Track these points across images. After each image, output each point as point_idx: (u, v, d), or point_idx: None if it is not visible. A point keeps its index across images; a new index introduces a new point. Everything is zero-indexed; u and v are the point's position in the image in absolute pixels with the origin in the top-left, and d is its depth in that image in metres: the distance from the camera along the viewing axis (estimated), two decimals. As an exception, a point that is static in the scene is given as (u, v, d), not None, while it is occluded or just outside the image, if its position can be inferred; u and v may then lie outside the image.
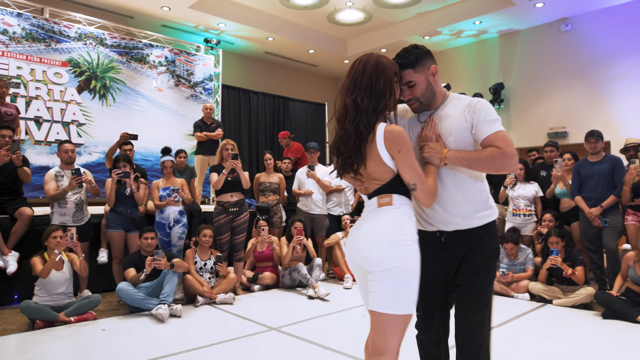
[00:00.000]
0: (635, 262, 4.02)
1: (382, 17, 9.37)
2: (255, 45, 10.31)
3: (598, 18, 8.25)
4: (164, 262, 4.14)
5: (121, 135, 5.42)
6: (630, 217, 4.49)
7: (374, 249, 1.62)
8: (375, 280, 1.63)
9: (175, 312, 4.00)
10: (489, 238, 1.82)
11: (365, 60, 1.71)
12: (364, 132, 1.65)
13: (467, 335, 1.79)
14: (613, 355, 3.19)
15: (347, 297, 4.87)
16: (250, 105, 10.18)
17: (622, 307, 3.92)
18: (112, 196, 4.56)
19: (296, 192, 5.97)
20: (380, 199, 1.68)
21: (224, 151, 5.03)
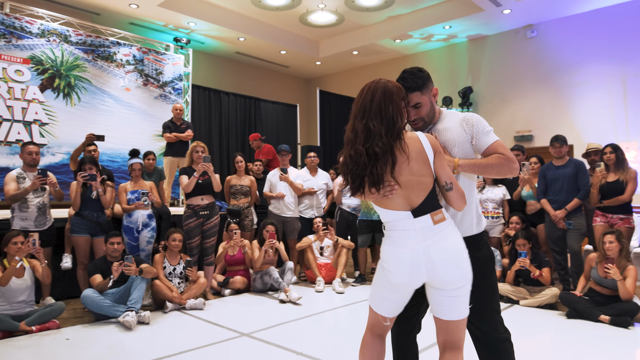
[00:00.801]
0: (597, 263, 4.15)
1: (354, 19, 9.42)
2: (226, 45, 10.19)
3: (562, 25, 8.52)
4: (133, 267, 4.03)
5: (87, 137, 5.25)
6: (598, 219, 4.64)
7: (457, 271, 1.73)
8: (452, 295, 1.75)
9: (143, 319, 3.89)
10: (480, 245, 1.97)
11: (374, 88, 1.78)
12: (379, 153, 1.70)
13: (488, 333, 1.96)
14: (576, 353, 3.28)
15: (319, 300, 4.86)
16: (221, 106, 10.04)
17: (585, 307, 4.05)
18: (77, 199, 4.41)
19: (268, 195, 5.92)
20: (434, 216, 1.73)
21: (194, 153, 4.94)
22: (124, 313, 3.84)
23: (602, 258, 4.08)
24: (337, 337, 3.67)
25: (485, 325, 1.94)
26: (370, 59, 11.20)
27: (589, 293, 4.20)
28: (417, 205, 1.72)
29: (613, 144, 4.66)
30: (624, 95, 7.77)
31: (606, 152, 4.65)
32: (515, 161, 1.89)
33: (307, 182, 6.04)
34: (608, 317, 3.90)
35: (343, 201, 5.99)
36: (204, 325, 3.94)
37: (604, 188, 4.60)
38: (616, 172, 4.59)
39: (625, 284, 3.89)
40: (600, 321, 3.92)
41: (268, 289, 5.15)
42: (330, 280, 5.48)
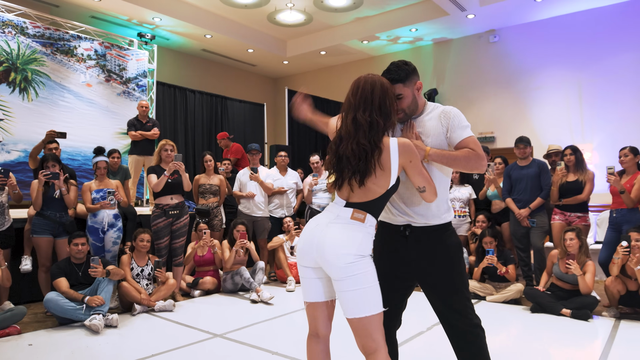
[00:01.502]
0: (559, 260, 4.34)
1: (322, 19, 9.45)
2: (192, 42, 10.00)
3: (522, 31, 8.84)
4: (100, 269, 3.89)
5: (47, 133, 5.03)
6: (557, 217, 4.84)
7: (341, 258, 1.72)
8: (342, 289, 1.75)
9: (111, 322, 3.77)
10: (450, 233, 2.00)
11: (371, 81, 1.81)
12: (374, 147, 1.74)
13: (456, 314, 1.96)
14: (541, 346, 3.42)
15: (290, 300, 4.85)
16: (187, 103, 9.84)
17: (548, 302, 4.22)
18: (39, 199, 4.22)
19: (237, 195, 5.86)
20: (355, 213, 1.77)
21: (163, 152, 4.83)
22: (90, 316, 3.71)
23: (564, 254, 4.26)
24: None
25: (457, 313, 1.95)
26: (337, 60, 11.26)
27: (551, 288, 4.38)
28: (353, 202, 1.79)
29: (573, 146, 4.88)
30: (580, 99, 8.15)
31: (566, 153, 4.86)
32: (484, 158, 1.91)
33: (277, 181, 6.01)
34: (569, 310, 4.08)
35: (313, 200, 6.00)
36: (174, 327, 3.86)
37: (564, 187, 4.81)
38: (575, 172, 4.80)
39: (585, 278, 4.08)
40: (562, 314, 4.10)
41: (239, 289, 5.09)
42: (301, 279, 5.46)
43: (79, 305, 3.81)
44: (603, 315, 4.16)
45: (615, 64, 7.76)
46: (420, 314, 3.67)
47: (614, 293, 4.11)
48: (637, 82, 7.58)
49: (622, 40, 7.72)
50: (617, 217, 4.46)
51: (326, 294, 1.87)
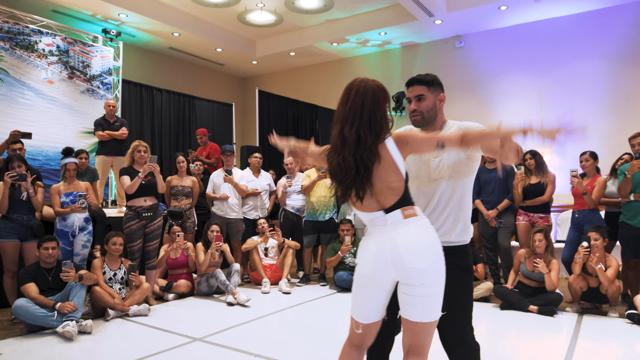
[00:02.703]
0: (526, 259, 4.54)
1: (292, 21, 9.46)
2: (159, 40, 9.79)
3: (487, 38, 9.15)
4: (73, 273, 3.78)
5: (11, 134, 4.82)
6: (521, 217, 5.05)
7: (423, 259, 1.66)
8: (415, 294, 1.68)
9: (84, 329, 3.67)
10: (465, 255, 2.05)
11: (362, 91, 1.75)
12: (368, 164, 1.70)
13: (456, 340, 2.01)
14: (511, 340, 3.58)
15: (266, 302, 4.85)
16: (153, 103, 9.62)
17: (516, 299, 4.41)
18: (4, 202, 4.04)
19: (211, 196, 5.80)
20: (404, 211, 1.72)
21: (136, 153, 4.73)
22: (62, 323, 3.60)
23: (531, 254, 4.47)
24: (292, 337, 3.70)
25: (457, 336, 2.00)
26: (306, 61, 11.29)
27: (518, 286, 4.58)
28: (389, 206, 1.73)
29: (532, 150, 5.13)
30: (540, 104, 8.52)
31: (526, 158, 5.09)
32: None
33: (250, 182, 5.99)
34: (536, 307, 4.29)
35: (287, 202, 6.01)
36: (151, 331, 3.79)
37: (527, 189, 5.03)
38: (537, 175, 5.03)
39: (550, 276, 4.29)
40: (530, 311, 4.29)
41: (213, 292, 5.05)
42: (275, 281, 5.48)
43: (50, 312, 3.68)
44: (566, 310, 4.39)
45: (574, 72, 8.16)
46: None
47: (577, 290, 4.34)
48: (594, 89, 8.00)
49: (580, 49, 8.13)
50: (579, 217, 4.71)
51: (384, 313, 1.83)
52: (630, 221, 4.30)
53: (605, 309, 4.36)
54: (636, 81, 7.69)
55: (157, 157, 4.60)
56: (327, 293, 5.20)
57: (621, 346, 3.53)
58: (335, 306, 4.66)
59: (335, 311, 4.49)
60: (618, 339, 3.66)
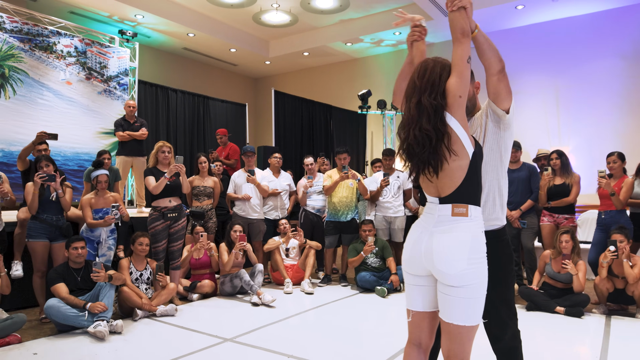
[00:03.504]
0: (551, 260, 4.52)
1: (307, 21, 9.47)
2: (174, 41, 9.84)
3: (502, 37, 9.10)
4: (103, 274, 3.80)
5: (38, 135, 4.85)
6: (545, 218, 5.03)
7: (451, 265, 1.65)
8: (452, 294, 1.67)
9: (115, 329, 3.69)
10: (504, 242, 2.01)
11: (441, 64, 1.76)
12: (442, 130, 1.67)
13: (500, 326, 2.02)
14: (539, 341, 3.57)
15: (290, 302, 4.85)
16: (169, 103, 9.67)
17: (542, 300, 4.39)
18: (35, 202, 4.07)
19: (232, 197, 5.81)
20: (455, 208, 1.68)
21: (160, 153, 4.76)
22: (94, 323, 3.62)
23: (557, 255, 4.45)
24: (321, 338, 3.70)
25: (498, 327, 2.00)
26: (320, 61, 11.30)
27: (544, 287, 4.56)
28: (445, 195, 1.71)
29: (559, 151, 5.09)
30: (557, 104, 8.48)
31: (552, 157, 5.06)
32: None
33: (271, 183, 6.00)
34: (563, 308, 4.27)
35: (307, 203, 6.02)
36: (181, 332, 3.81)
37: (552, 190, 5.00)
38: (562, 176, 5.01)
39: (578, 277, 4.27)
40: (556, 312, 4.28)
41: (237, 292, 5.06)
42: (297, 281, 5.49)
43: (81, 312, 3.71)
44: (593, 312, 4.37)
45: (591, 71, 8.11)
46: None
47: (603, 291, 4.32)
48: (611, 88, 7.95)
49: (597, 48, 8.08)
50: (605, 218, 4.68)
51: (431, 304, 1.79)
52: (659, 222, 4.27)
53: (632, 310, 4.34)
54: (655, 80, 7.64)
55: (183, 157, 4.62)
56: (350, 294, 5.20)
57: (654, 348, 3.51)
58: (359, 307, 4.67)
59: (359, 312, 4.49)
60: (650, 341, 3.64)
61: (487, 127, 1.98)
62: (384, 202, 5.76)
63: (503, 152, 2.02)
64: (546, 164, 5.27)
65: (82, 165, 7.68)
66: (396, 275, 5.24)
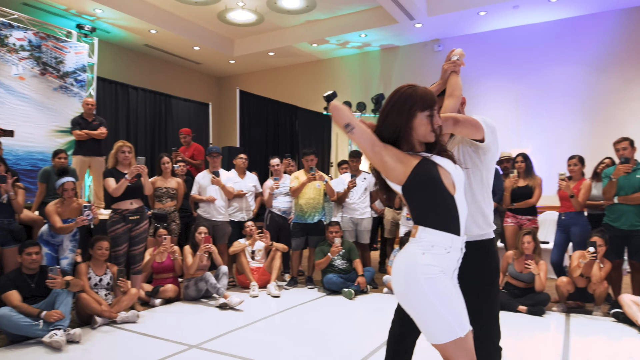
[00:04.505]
0: (514, 260, 4.63)
1: (273, 20, 9.38)
2: (135, 37, 9.53)
3: (464, 42, 9.31)
4: (60, 280, 3.60)
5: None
6: (509, 220, 5.16)
7: (396, 283, 1.71)
8: (409, 313, 1.70)
9: (73, 338, 3.50)
10: (491, 254, 2.03)
11: (394, 92, 1.82)
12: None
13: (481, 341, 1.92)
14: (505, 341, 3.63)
15: (256, 306, 4.76)
16: (129, 101, 9.33)
17: (505, 300, 4.49)
18: (-17, 205, 3.83)
19: (197, 198, 5.66)
20: (413, 228, 1.73)
21: (120, 154, 4.58)
22: (49, 332, 3.42)
23: (519, 255, 4.56)
24: (290, 342, 3.64)
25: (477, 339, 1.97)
26: (285, 61, 11.23)
27: (506, 287, 4.67)
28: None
29: (523, 154, 5.23)
30: (516, 108, 8.75)
31: (517, 160, 5.19)
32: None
33: (236, 184, 5.88)
34: (525, 307, 4.38)
35: (273, 204, 5.94)
36: (144, 339, 3.66)
37: (515, 192, 5.14)
38: (525, 178, 5.15)
39: (540, 277, 4.39)
40: (519, 311, 4.38)
41: (201, 296, 4.93)
42: (263, 284, 5.40)
43: (36, 321, 3.50)
44: (553, 310, 4.51)
45: (549, 77, 8.41)
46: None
47: (564, 292, 4.46)
48: (568, 94, 8.27)
49: (556, 55, 8.39)
50: (565, 219, 4.84)
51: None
52: (614, 223, 4.45)
53: (589, 307, 4.51)
54: (609, 87, 7.99)
55: (145, 158, 4.46)
56: (317, 296, 5.16)
57: (612, 343, 3.65)
58: (326, 309, 4.63)
59: (326, 314, 4.46)
60: (608, 337, 3.78)
61: (466, 151, 2.04)
62: (351, 204, 5.76)
63: (485, 174, 2.05)
64: (510, 167, 5.41)
65: (35, 165, 7.29)
66: (363, 277, 5.24)
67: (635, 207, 4.34)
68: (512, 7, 7.93)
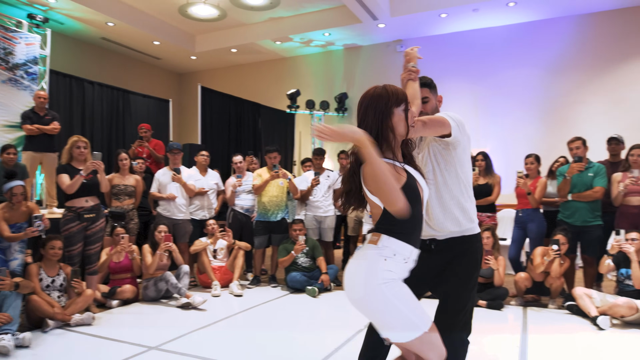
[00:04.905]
0: (474, 256, 4.73)
1: (235, 17, 9.24)
2: (91, 29, 9.16)
3: (427, 43, 9.47)
4: (8, 282, 3.40)
5: None
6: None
7: (354, 290, 1.69)
8: (368, 318, 1.72)
9: (22, 342, 3.31)
10: (472, 250, 2.07)
11: (365, 94, 1.85)
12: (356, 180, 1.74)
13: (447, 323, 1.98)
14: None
15: (219, 305, 4.67)
16: (85, 95, 8.95)
17: (466, 295, 4.59)
18: None
19: (156, 196, 5.49)
20: (372, 236, 1.72)
21: (75, 149, 4.37)
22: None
23: (479, 251, 4.66)
24: (255, 340, 3.58)
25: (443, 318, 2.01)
26: (248, 58, 11.09)
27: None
28: (374, 223, 1.76)
29: (484, 152, 5.37)
30: (476, 109, 8.97)
31: (478, 159, 5.32)
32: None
33: (197, 182, 5.75)
34: (485, 301, 4.49)
35: (236, 202, 5.85)
36: (99, 342, 3.51)
37: (475, 190, 5.18)
38: (485, 176, 5.29)
39: (499, 272, 4.51)
40: (479, 305, 4.48)
41: (162, 296, 4.78)
42: (225, 283, 5.30)
43: (-20, 325, 3.29)
44: (511, 304, 4.64)
45: (507, 79, 8.68)
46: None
47: (522, 287, 4.60)
48: (525, 96, 8.56)
49: (513, 58, 8.67)
50: (522, 216, 4.99)
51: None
52: (568, 219, 4.63)
53: (545, 301, 4.67)
54: (562, 90, 8.33)
55: (101, 154, 4.28)
56: (280, 294, 5.11)
57: (567, 334, 3.78)
58: (290, 307, 4.59)
59: (291, 312, 4.42)
60: (563, 328, 3.92)
61: (437, 149, 2.06)
62: (314, 202, 5.74)
63: (459, 169, 2.08)
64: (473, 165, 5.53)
65: (-19, 162, 6.88)
66: (327, 274, 5.23)
67: (588, 204, 4.54)
68: (472, 10, 8.13)
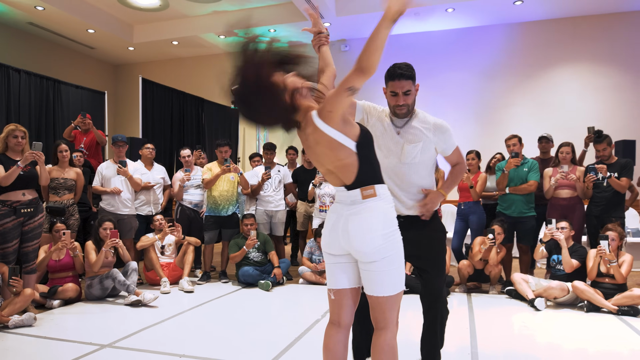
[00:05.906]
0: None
1: (177, 8, 8.96)
2: (17, 12, 8.50)
3: (369, 44, 9.74)
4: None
5: None
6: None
7: (368, 243, 1.74)
8: (373, 269, 1.76)
9: (-43, 346, 3.05)
10: (437, 222, 2.38)
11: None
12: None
13: (435, 297, 2.37)
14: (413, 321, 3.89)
15: (169, 302, 4.53)
16: (10, 84, 8.29)
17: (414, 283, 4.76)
18: None
19: (100, 190, 5.23)
20: (363, 191, 1.77)
21: (11, 138, 4.07)
22: None
23: (426, 242, 4.90)
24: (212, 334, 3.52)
25: (432, 289, 2.40)
26: (190, 52, 10.80)
27: (413, 272, 4.98)
28: (350, 183, 1.79)
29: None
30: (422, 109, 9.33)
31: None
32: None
33: (143, 175, 5.55)
34: (432, 290, 4.71)
35: (184, 197, 5.70)
36: (44, 343, 3.30)
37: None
38: (430, 171, 5.54)
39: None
40: (427, 294, 4.70)
41: (107, 295, 4.56)
42: (174, 280, 5.16)
43: None
44: (456, 291, 4.91)
45: (444, 81, 9.11)
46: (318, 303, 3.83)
47: (465, 274, 4.88)
48: (462, 98, 9.04)
49: (450, 61, 9.11)
50: (464, 209, 5.28)
51: (352, 281, 1.87)
52: (506, 211, 4.97)
53: (486, 287, 4.98)
54: (495, 93, 8.88)
55: (42, 144, 4.02)
56: (232, 289, 5.05)
57: (508, 315, 4.08)
58: (244, 302, 4.56)
59: (245, 307, 4.39)
60: (504, 311, 4.22)
61: (429, 144, 2.36)
62: (265, 196, 5.73)
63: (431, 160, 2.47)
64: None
65: None
66: (279, 268, 5.24)
67: (523, 196, 4.90)
68: (414, 14, 8.45)
